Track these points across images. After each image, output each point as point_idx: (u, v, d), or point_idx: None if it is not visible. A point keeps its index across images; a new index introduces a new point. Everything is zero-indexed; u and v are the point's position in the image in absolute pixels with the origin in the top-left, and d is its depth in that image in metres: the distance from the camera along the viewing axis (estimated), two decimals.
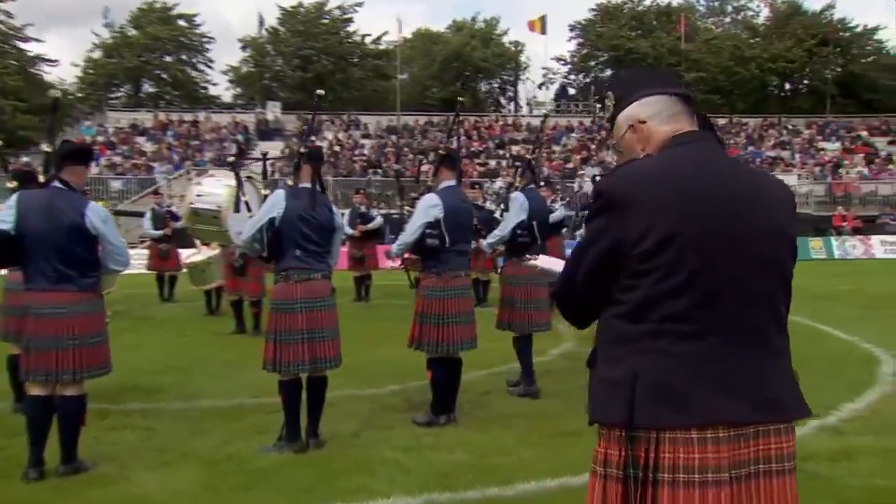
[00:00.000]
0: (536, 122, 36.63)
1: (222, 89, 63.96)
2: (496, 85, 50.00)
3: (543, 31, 40.15)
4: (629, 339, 1.81)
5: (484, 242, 6.45)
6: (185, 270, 11.98)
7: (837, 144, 32.41)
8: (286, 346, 4.71)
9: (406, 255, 5.67)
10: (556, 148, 31.58)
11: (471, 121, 35.02)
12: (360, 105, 39.08)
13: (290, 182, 4.99)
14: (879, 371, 6.88)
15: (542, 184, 7.72)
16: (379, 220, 13.56)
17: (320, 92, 4.99)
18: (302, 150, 4.95)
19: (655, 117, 1.97)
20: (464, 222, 5.47)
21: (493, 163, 29.71)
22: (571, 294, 1.96)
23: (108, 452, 4.80)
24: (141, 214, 14.88)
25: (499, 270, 6.66)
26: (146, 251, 14.27)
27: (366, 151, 31.40)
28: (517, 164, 6.53)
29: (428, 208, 5.33)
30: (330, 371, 4.99)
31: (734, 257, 1.79)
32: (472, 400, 6.07)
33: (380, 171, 28.75)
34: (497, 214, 6.57)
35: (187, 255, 12.03)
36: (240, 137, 32.53)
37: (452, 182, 5.52)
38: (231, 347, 8.76)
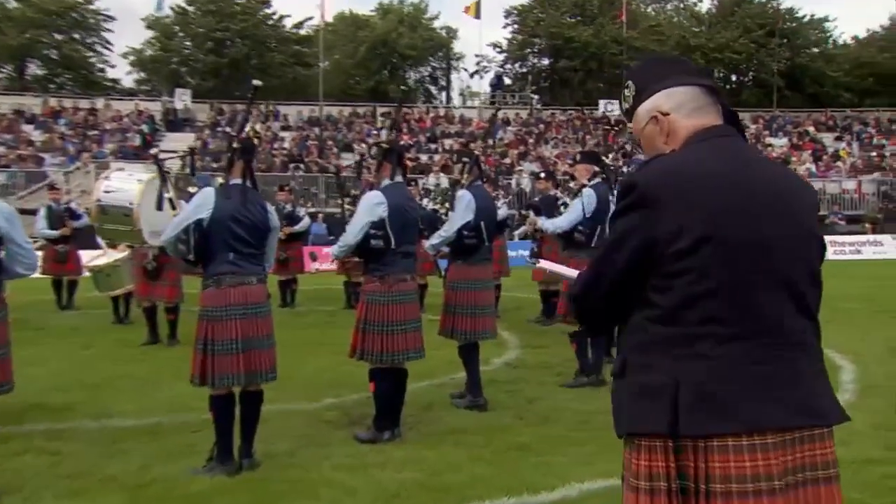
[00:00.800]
0: (471, 114, 36.91)
1: (122, 73, 62.42)
2: (426, 74, 50.16)
3: (478, 16, 40.47)
4: (666, 343, 1.84)
5: (426, 243, 6.48)
6: (87, 274, 11.64)
7: (785, 140, 33.63)
8: (218, 358, 4.64)
9: (346, 258, 5.66)
10: (492, 142, 31.89)
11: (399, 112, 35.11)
12: (280, 94, 38.63)
13: (220, 179, 4.93)
14: (839, 378, 7.17)
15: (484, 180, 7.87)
16: (307, 221, 13.47)
17: (257, 83, 4.93)
18: (234, 143, 4.89)
19: (679, 109, 2.02)
20: (410, 222, 5.49)
21: (424, 157, 29.80)
22: (596, 297, 1.98)
23: (10, 482, 4.63)
24: (32, 212, 14.37)
25: (441, 274, 6.71)
26: (40, 253, 13.79)
27: (286, 144, 31.06)
28: (464, 159, 6.57)
29: (372, 207, 5.33)
30: (269, 384, 4.95)
31: (769, 257, 1.85)
32: (416, 414, 6.10)
33: (302, 165, 28.50)
34: (442, 213, 6.63)
35: (91, 258, 11.68)
36: (145, 128, 31.75)
37: (397, 178, 5.54)
38: (145, 360, 8.58)
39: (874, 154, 32.00)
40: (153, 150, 8.30)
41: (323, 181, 26.86)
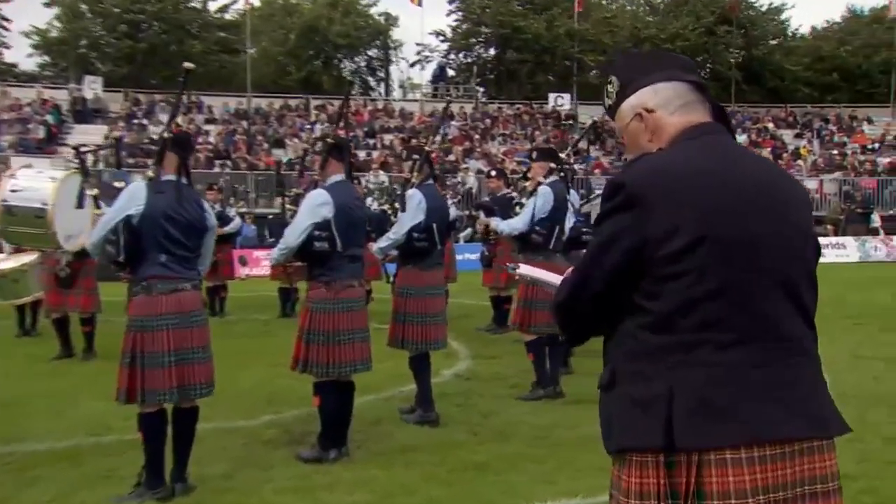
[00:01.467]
0: (412, 107, 36.97)
1: (22, 55, 60.58)
2: (364, 63, 50.01)
3: (419, 2, 40.54)
4: (660, 351, 1.86)
5: (374, 246, 6.48)
6: None
7: (744, 137, 34.42)
8: (148, 372, 4.56)
9: (287, 263, 5.62)
10: (435, 138, 32.08)
11: (335, 105, 34.88)
12: (204, 84, 38.05)
13: (150, 173, 4.84)
14: None
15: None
16: (237, 222, 13.34)
17: (189, 65, 4.85)
18: (166, 134, 4.81)
19: (666, 106, 2.05)
20: (357, 223, 5.50)
21: (362, 154, 29.71)
22: (583, 303, 2.00)
23: None
24: None
25: (389, 279, 6.70)
26: None
27: (211, 139, 30.63)
28: (414, 156, 6.59)
29: (316, 206, 5.31)
30: (200, 400, 4.88)
31: (764, 256, 1.88)
32: (363, 430, 6.10)
33: (229, 162, 28.16)
34: (390, 213, 6.64)
35: None
36: (49, 118, 30.94)
37: (342, 176, 5.53)
38: (57, 376, 8.39)
39: (835, 152, 32.97)
40: (74, 143, 8.10)
41: (252, 179, 26.58)
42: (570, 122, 34.79)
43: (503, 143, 32.26)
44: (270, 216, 22.79)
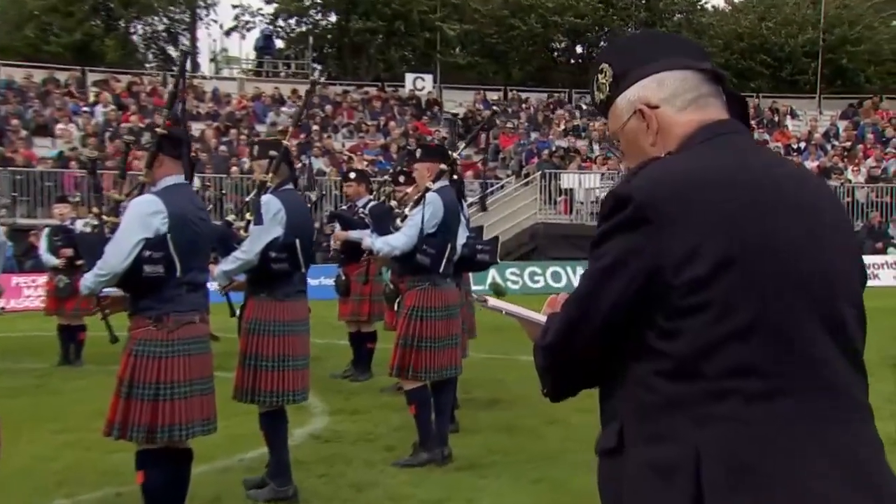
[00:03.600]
0: (228, 87, 36.56)
1: None
2: (162, 28, 49.09)
3: None
4: (680, 403, 1.87)
5: (216, 270, 6.43)
6: None
7: None
8: None
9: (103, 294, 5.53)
10: (260, 128, 31.77)
11: (121, 82, 34.10)
12: None
13: None
14: None
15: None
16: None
17: (187, 49, 4.72)
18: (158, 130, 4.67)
19: (673, 101, 2.10)
20: (200, 239, 5.48)
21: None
22: (574, 347, 2.03)
23: None
24: None
25: (234, 313, 6.67)
26: None
27: None
28: (271, 153, 6.60)
29: (145, 217, 5.25)
30: None
31: (806, 286, 1.91)
32: None
33: None
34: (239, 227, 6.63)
35: None
36: None
37: (179, 177, 5.51)
38: None
39: None
40: None
41: (7, 179, 25.49)
42: (434, 111, 35.28)
43: (349, 136, 32.38)
44: (35, 229, 21.93)
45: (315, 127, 31.17)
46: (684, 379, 1.88)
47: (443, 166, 7.49)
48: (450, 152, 7.88)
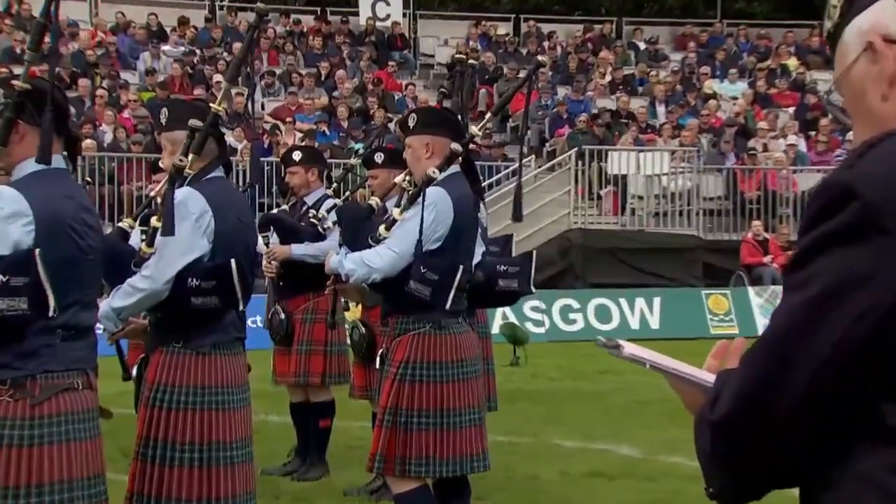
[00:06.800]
0: (74, 10, 36.38)
1: None
2: None
3: None
4: None
5: (103, 305, 6.41)
6: None
7: (744, 86, 35.80)
8: None
9: None
10: (129, 77, 31.74)
11: None
12: None
13: None
14: None
15: None
16: None
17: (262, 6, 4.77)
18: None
19: None
20: (84, 256, 5.49)
21: None
22: (764, 421, 2.02)
23: None
24: None
25: (128, 376, 6.69)
26: None
27: None
28: (192, 122, 6.64)
29: None
30: None
31: None
32: None
33: None
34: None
35: None
36: None
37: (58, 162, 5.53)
38: None
39: None
40: None
41: None
42: (407, 53, 35.31)
43: (272, 92, 32.21)
44: None
45: (217, 77, 30.75)
46: None
47: (454, 145, 7.29)
48: (467, 125, 7.71)
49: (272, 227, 10.42)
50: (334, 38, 35.96)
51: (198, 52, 33.40)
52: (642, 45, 37.00)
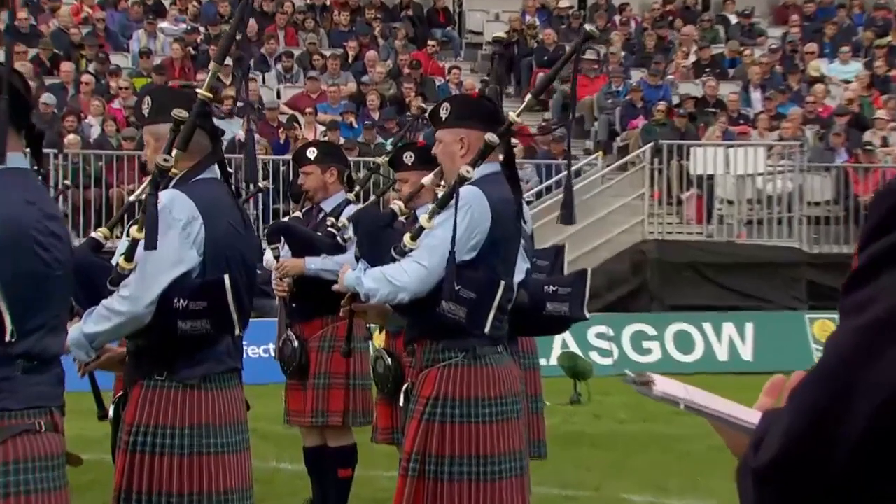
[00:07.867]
0: None
1: None
2: None
3: None
4: None
5: (73, 331, 6.46)
6: None
7: (859, 66, 35.64)
8: None
9: None
10: (120, 60, 31.87)
11: None
12: None
13: None
14: None
15: None
16: None
17: None
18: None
19: None
20: (49, 273, 5.49)
21: None
22: (817, 463, 1.99)
23: None
24: None
25: (104, 415, 6.73)
26: None
27: None
28: (177, 112, 6.67)
29: None
30: None
31: None
32: None
33: None
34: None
35: None
36: None
37: (16, 157, 5.48)
38: None
39: None
40: None
41: None
42: (450, 29, 35.24)
43: (289, 77, 32.26)
44: None
45: (226, 61, 30.85)
46: None
47: (489, 136, 7.21)
48: (506, 112, 7.65)
49: (283, 238, 10.33)
50: (364, 13, 35.78)
51: (202, 29, 33.39)
52: (734, 19, 36.70)
